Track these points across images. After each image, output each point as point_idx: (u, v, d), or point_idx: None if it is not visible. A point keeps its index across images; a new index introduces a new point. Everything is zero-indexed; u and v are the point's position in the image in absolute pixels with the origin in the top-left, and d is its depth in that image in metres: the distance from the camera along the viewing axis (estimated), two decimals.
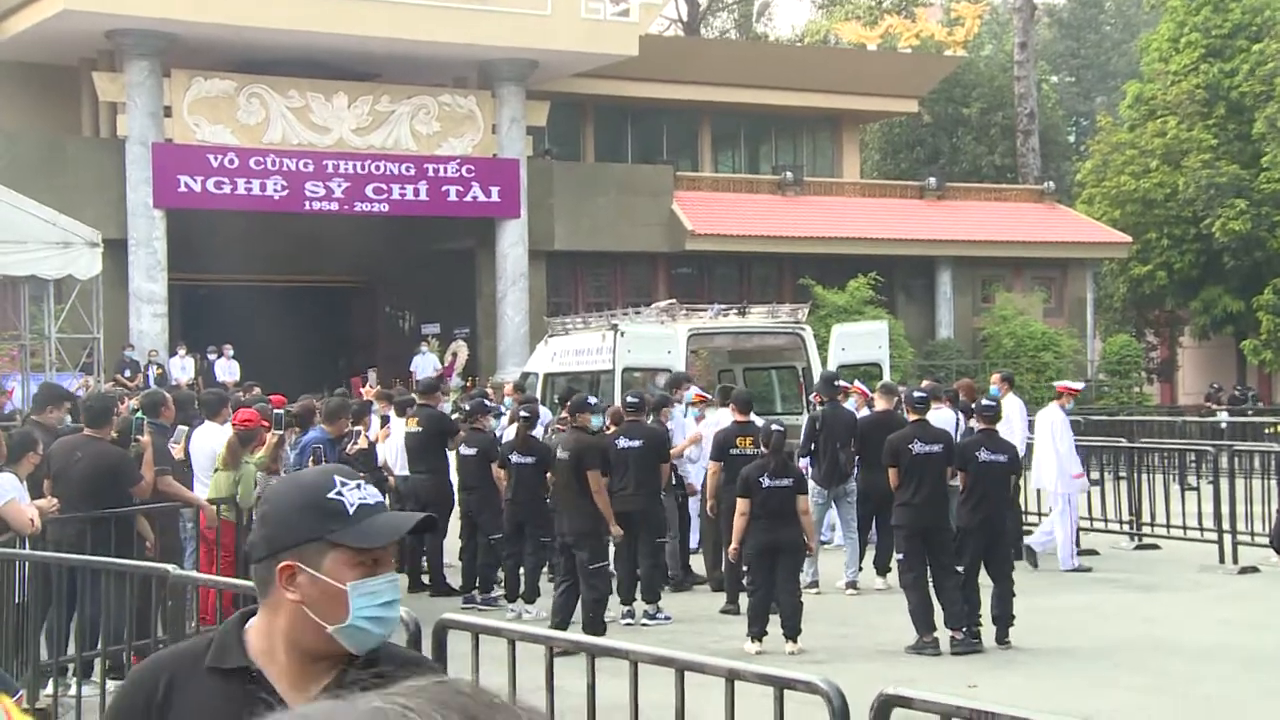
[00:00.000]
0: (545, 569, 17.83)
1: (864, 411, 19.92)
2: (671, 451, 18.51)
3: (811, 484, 18.54)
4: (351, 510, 3.46)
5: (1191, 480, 23.02)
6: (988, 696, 7.87)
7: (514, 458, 17.49)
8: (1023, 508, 20.37)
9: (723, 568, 18.19)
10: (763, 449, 15.89)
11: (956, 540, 15.93)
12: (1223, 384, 45.75)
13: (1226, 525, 21.02)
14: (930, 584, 15.55)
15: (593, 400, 17.87)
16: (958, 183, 46.77)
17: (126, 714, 3.96)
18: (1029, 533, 20.56)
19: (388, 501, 16.50)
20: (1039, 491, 21.61)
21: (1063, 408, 21.43)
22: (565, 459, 16.31)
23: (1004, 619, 15.28)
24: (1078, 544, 20.62)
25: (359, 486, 3.45)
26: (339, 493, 3.47)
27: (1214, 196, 46.43)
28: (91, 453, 13.88)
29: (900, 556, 16.15)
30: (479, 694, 1.41)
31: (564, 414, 18.54)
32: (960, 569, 15.64)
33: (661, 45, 42.55)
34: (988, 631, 15.34)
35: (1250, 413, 36.59)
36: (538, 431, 18.82)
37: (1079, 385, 23.27)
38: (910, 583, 15.64)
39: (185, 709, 3.44)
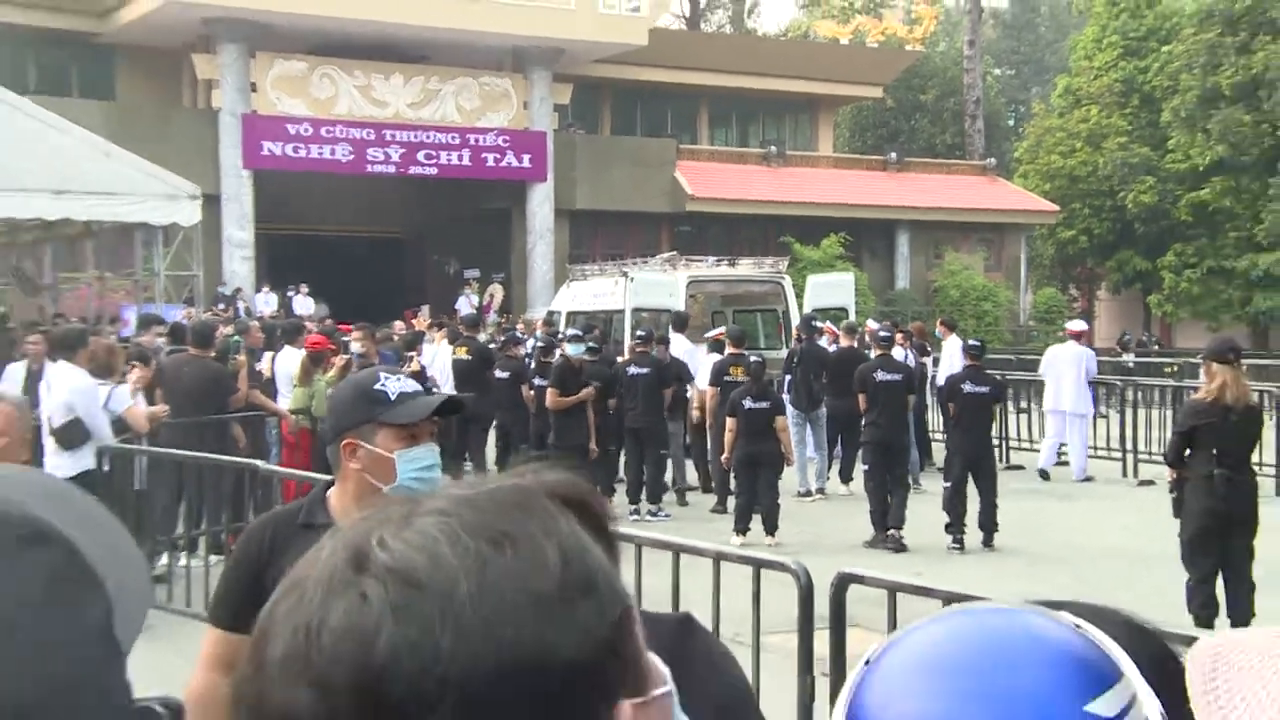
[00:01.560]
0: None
1: (833, 348, 20.04)
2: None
3: (790, 408, 18.84)
4: (394, 396, 3.94)
5: (1103, 410, 23.16)
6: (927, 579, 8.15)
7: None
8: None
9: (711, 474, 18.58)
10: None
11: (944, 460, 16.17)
12: (1131, 331, 45.94)
13: (1130, 446, 21.54)
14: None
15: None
16: (914, 158, 46.59)
17: (244, 560, 4.35)
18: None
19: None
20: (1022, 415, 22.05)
21: (1076, 339, 21.98)
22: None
23: (988, 526, 15.46)
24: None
25: (399, 379, 4.02)
26: (383, 384, 3.97)
27: (1128, 174, 46.61)
28: (196, 368, 14.30)
29: (865, 467, 16.40)
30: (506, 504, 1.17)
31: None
32: (948, 483, 15.75)
33: (667, 37, 42.46)
34: (974, 536, 15.48)
35: (1152, 355, 37.05)
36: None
37: (1083, 327, 23.41)
38: (873, 489, 15.98)
39: (286, 556, 3.71)
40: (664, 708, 1.21)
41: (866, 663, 1.44)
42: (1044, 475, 21.00)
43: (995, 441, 17.70)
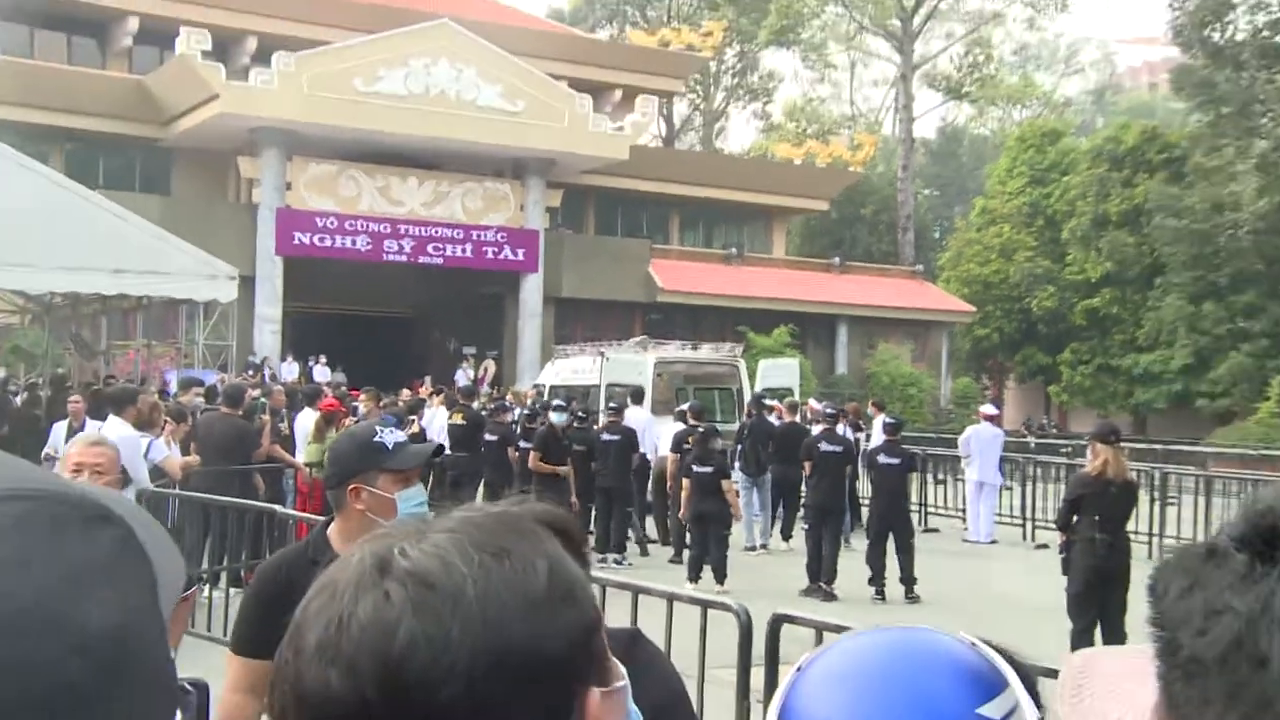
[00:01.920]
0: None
1: (778, 423, 20.04)
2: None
3: (740, 473, 18.84)
4: (391, 446, 4.03)
5: (1009, 483, 23.25)
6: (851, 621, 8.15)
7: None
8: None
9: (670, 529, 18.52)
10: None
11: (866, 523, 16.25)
12: (1033, 416, 46.36)
13: (1029, 515, 21.63)
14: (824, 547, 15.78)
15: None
16: (854, 262, 46.93)
17: (263, 594, 4.32)
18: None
19: (432, 475, 16.75)
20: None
21: (990, 422, 22.09)
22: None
23: (907, 580, 15.45)
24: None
25: (392, 432, 4.25)
26: (381, 437, 4.08)
27: (1032, 282, 47.24)
28: (226, 425, 14.32)
29: (805, 526, 16.46)
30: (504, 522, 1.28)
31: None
32: (869, 542, 15.80)
33: (646, 153, 42.64)
34: (896, 589, 15.52)
35: (1051, 437, 37.24)
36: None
37: (995, 411, 23.61)
38: (810, 546, 15.92)
39: (297, 589, 3.66)
40: (621, 699, 1.28)
41: (798, 669, 1.49)
42: (987, 542, 20.93)
43: (915, 507, 17.67)
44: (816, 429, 17.54)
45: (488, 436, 19.16)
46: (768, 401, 21.04)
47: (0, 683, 0.79)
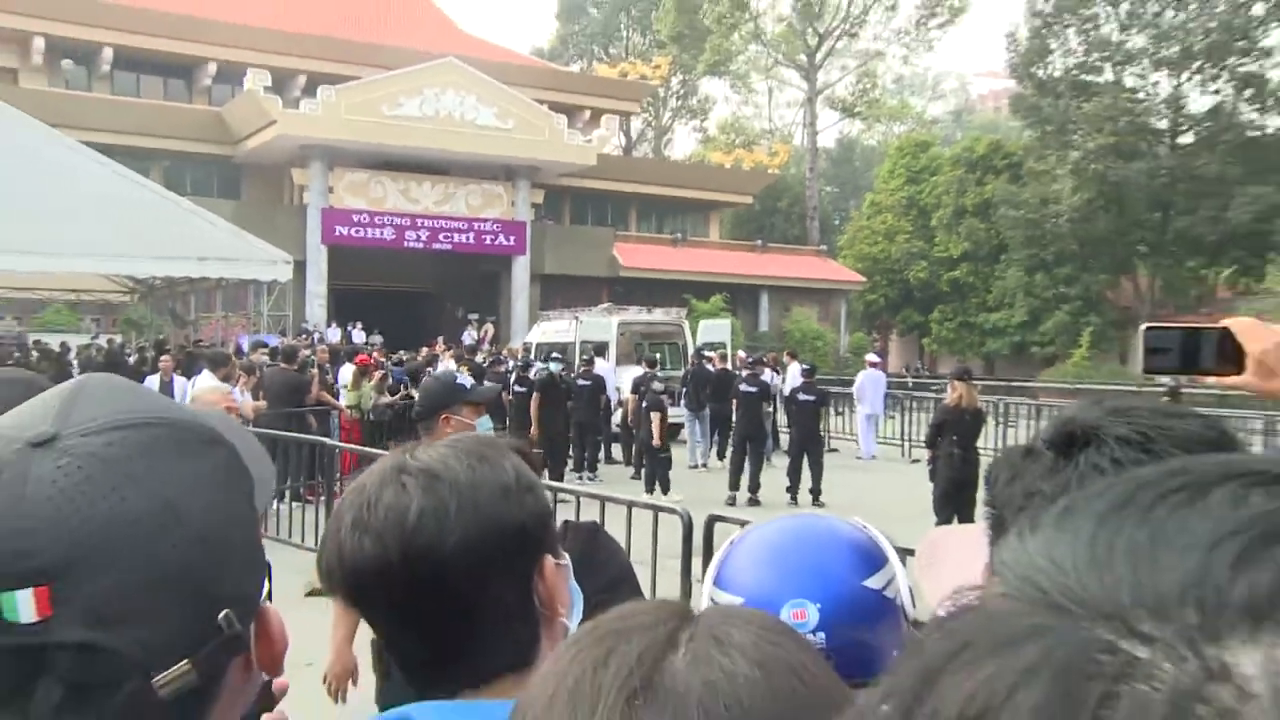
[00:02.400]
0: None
1: (713, 370, 19.99)
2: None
3: (684, 409, 18.89)
4: (469, 386, 4.18)
5: (891, 413, 23.33)
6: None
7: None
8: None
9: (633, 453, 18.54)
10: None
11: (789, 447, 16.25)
12: (910, 362, 46.58)
13: (906, 437, 21.74)
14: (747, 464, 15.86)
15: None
16: (773, 244, 46.79)
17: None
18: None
19: None
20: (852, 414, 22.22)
21: (877, 368, 22.13)
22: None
23: (816, 488, 15.53)
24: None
25: (464, 377, 4.21)
26: (460, 380, 4.23)
27: (909, 259, 47.18)
28: (284, 377, 14.33)
29: (732, 450, 16.47)
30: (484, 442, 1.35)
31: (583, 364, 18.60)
32: (789, 460, 15.90)
33: (610, 159, 42.38)
34: (806, 497, 15.57)
35: (924, 378, 37.44)
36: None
37: (880, 359, 23.75)
38: (734, 463, 16.01)
39: None
40: (566, 573, 1.32)
41: (731, 544, 1.53)
42: (871, 458, 20.99)
43: (822, 433, 17.69)
44: (744, 374, 17.51)
45: (486, 384, 19.01)
46: (706, 353, 21.04)
47: (139, 565, 0.84)
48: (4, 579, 0.81)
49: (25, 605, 0.81)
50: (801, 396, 16.07)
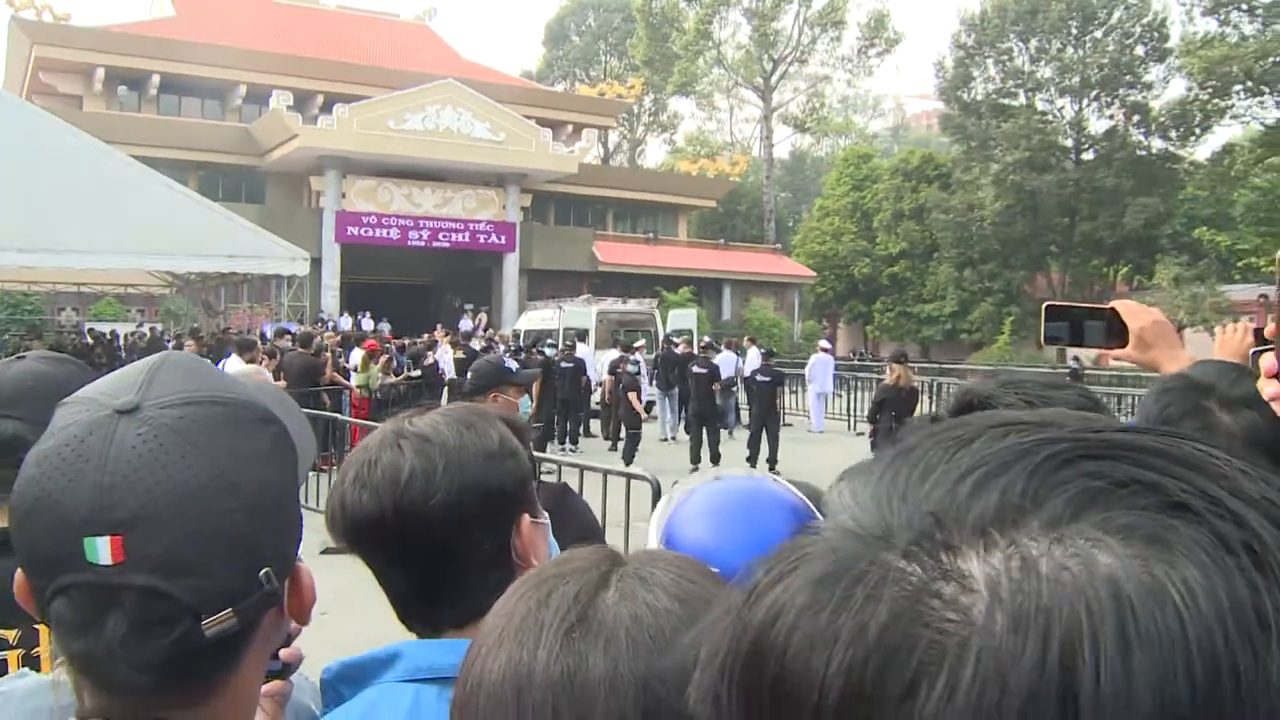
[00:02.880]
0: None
1: (680, 353, 19.95)
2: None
3: (655, 388, 18.84)
4: (515, 369, 4.19)
5: (839, 391, 23.35)
6: None
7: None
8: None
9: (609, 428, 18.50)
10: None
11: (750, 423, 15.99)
12: (856, 347, 46.64)
13: (852, 413, 21.75)
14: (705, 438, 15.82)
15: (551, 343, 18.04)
16: (734, 243, 46.76)
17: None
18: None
19: (445, 395, 16.68)
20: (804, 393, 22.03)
21: (826, 352, 22.04)
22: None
23: (773, 458, 15.38)
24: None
25: (510, 361, 4.18)
26: (508, 363, 4.27)
27: (854, 257, 47.22)
28: (301, 359, 14.13)
29: (690, 426, 16.39)
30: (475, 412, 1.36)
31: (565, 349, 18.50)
32: (749, 432, 15.85)
33: (590, 168, 42.24)
34: (764, 466, 15.31)
35: (867, 360, 37.50)
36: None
37: (829, 345, 23.66)
38: (694, 438, 15.90)
39: None
40: (545, 530, 1.31)
41: (676, 500, 1.47)
42: (821, 432, 20.90)
43: (778, 410, 17.68)
44: (701, 356, 17.33)
45: (528, 369, 18.88)
46: (673, 339, 20.97)
47: (199, 525, 0.87)
48: (89, 525, 0.85)
49: (104, 550, 0.85)
50: (760, 377, 15.99)
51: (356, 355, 16.61)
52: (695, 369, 16.26)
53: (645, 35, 52.02)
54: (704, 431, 15.81)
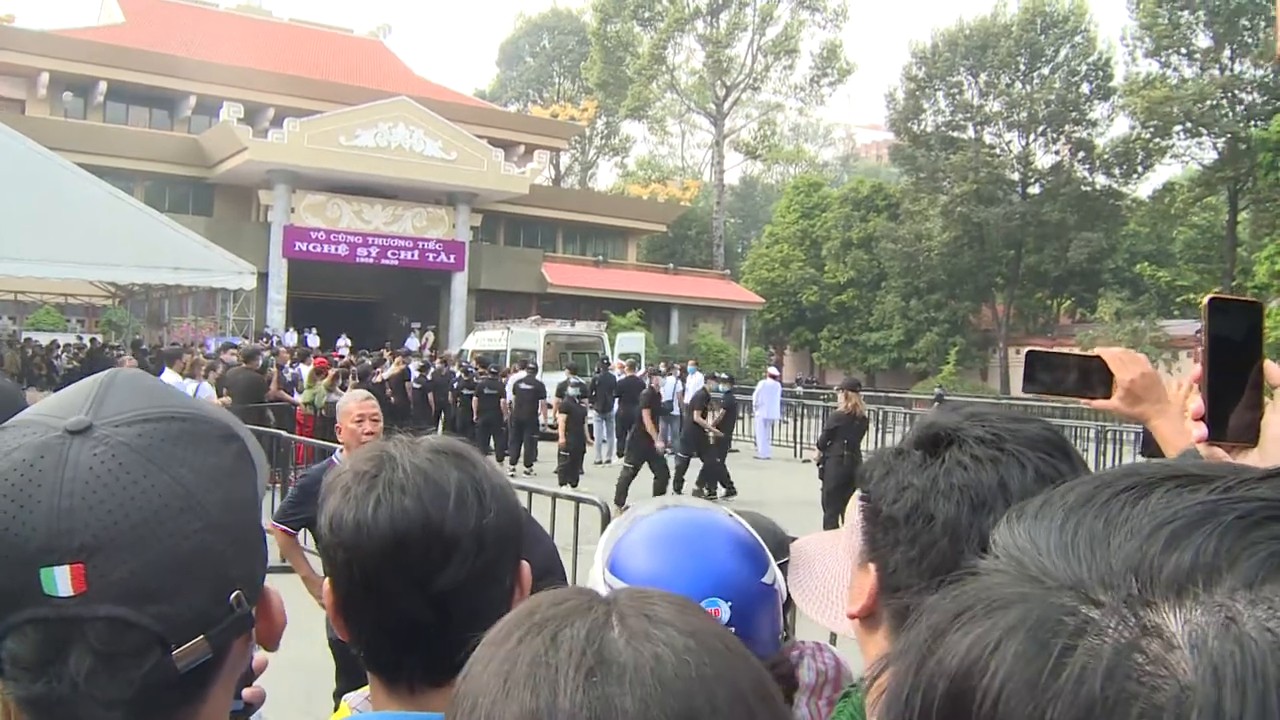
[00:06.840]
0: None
1: (620, 376, 19.63)
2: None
3: (593, 411, 18.48)
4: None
5: (785, 419, 23.44)
6: None
7: (521, 386, 17.46)
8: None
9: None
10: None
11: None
12: (803, 374, 46.94)
13: (799, 440, 21.82)
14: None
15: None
16: (683, 267, 46.88)
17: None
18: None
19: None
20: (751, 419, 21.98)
21: (773, 379, 22.08)
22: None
23: (729, 487, 15.38)
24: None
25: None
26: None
27: (802, 283, 47.56)
28: (245, 376, 13.87)
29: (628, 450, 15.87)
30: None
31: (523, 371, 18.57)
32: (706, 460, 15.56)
33: (540, 189, 42.19)
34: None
35: (814, 388, 37.76)
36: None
37: (777, 372, 23.66)
38: (630, 463, 15.06)
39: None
40: (528, 571, 1.23)
41: (619, 531, 1.45)
42: (767, 458, 20.86)
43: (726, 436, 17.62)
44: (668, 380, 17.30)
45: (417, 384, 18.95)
46: (612, 361, 20.92)
47: (164, 548, 0.82)
48: (46, 554, 0.80)
49: (63, 580, 0.80)
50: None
51: (301, 373, 16.48)
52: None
53: (599, 58, 52.24)
54: (646, 463, 15.03)
